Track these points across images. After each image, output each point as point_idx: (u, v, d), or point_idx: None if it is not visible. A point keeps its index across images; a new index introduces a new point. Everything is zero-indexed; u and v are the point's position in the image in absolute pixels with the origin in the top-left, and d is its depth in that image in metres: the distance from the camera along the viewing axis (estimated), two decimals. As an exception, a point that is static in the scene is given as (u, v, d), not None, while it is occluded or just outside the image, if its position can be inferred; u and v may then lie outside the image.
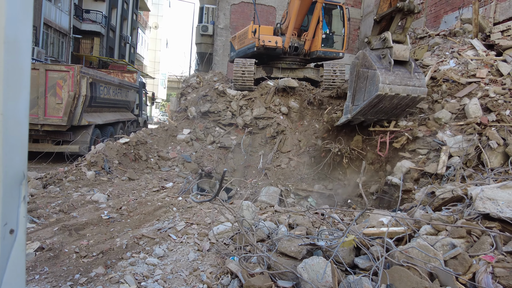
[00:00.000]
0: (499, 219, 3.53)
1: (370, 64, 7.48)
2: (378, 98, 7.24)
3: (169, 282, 3.73)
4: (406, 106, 7.88)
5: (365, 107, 7.60)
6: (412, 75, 7.43)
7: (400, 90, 7.25)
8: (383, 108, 7.77)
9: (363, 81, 7.66)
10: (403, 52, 7.42)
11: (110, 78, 14.02)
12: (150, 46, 58.44)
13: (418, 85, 7.48)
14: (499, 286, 2.88)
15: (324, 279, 3.03)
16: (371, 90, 7.33)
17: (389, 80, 7.12)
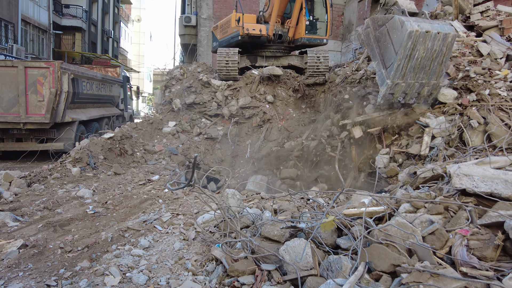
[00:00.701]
0: (475, 194, 3.62)
1: (384, 18, 6.93)
2: (410, 38, 6.49)
3: (154, 272, 3.75)
4: (442, 53, 7.11)
5: (401, 59, 6.80)
6: (431, 20, 7.00)
7: (429, 27, 6.59)
8: (420, 60, 7.04)
9: (385, 37, 7.03)
10: (410, 4, 7.19)
11: (92, 73, 13.81)
12: (134, 40, 57.57)
13: (444, 24, 6.94)
14: (473, 258, 2.96)
15: (305, 259, 3.08)
16: (398, 37, 6.65)
17: (413, 19, 6.57)
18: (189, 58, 21.00)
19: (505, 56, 9.05)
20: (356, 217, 3.72)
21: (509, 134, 6.40)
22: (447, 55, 7.21)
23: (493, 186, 3.55)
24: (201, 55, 20.89)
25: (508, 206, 3.33)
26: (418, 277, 2.71)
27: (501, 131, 6.76)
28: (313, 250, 3.10)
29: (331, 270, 2.98)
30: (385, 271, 2.92)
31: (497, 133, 6.76)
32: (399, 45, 6.69)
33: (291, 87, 12.16)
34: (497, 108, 7.39)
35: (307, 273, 3.03)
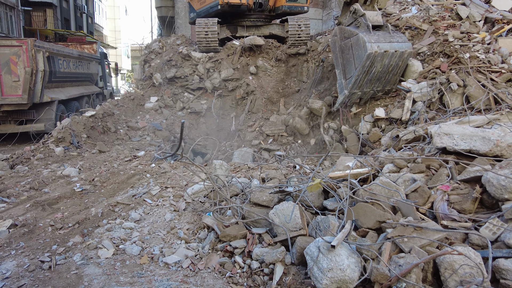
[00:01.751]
0: (455, 152, 3.76)
1: (350, 32, 7.39)
2: (369, 58, 7.06)
3: (147, 242, 3.82)
4: (397, 66, 7.75)
5: (359, 75, 7.37)
6: (392, 35, 7.46)
7: (388, 47, 7.16)
8: (377, 73, 7.59)
9: (348, 51, 7.53)
10: (376, 17, 7.46)
11: (68, 50, 13.34)
12: (109, 15, 55.40)
13: (403, 41, 7.48)
14: (454, 211, 3.12)
15: (294, 221, 3.18)
16: (359, 54, 7.16)
17: (374, 39, 7.06)
18: (167, 31, 20.42)
19: (483, 19, 9.13)
20: (341, 179, 3.83)
21: (486, 95, 6.57)
22: (402, 67, 7.90)
23: (472, 143, 3.68)
24: (179, 28, 20.35)
25: (485, 161, 3.48)
26: (403, 231, 2.85)
27: (478, 93, 6.93)
28: (302, 211, 3.20)
29: (319, 229, 3.09)
30: (371, 228, 3.06)
31: (475, 95, 6.93)
32: (359, 62, 7.21)
33: (274, 57, 12.04)
34: (475, 71, 7.54)
35: (297, 233, 3.15)
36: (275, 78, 11.92)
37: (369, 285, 2.73)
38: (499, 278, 2.53)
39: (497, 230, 2.81)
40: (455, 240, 2.86)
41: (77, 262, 3.51)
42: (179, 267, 3.40)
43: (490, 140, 3.59)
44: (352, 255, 2.73)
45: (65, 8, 30.07)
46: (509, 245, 2.66)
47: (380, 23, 7.50)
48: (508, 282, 2.43)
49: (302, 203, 3.58)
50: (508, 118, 4.89)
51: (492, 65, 7.64)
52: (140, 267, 3.40)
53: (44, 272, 3.41)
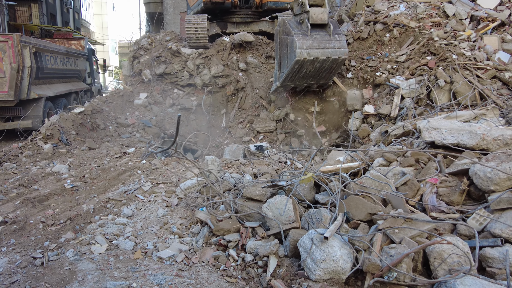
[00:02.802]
0: (443, 146, 3.85)
1: (289, 30, 7.40)
2: (298, 63, 7.20)
3: (140, 238, 3.82)
4: (330, 68, 7.89)
5: (289, 73, 7.61)
6: (331, 38, 7.37)
7: (319, 54, 7.22)
8: (308, 73, 7.81)
9: (285, 48, 7.63)
10: (321, 15, 7.30)
11: (55, 46, 13.13)
12: (96, 11, 54.62)
13: (338, 47, 7.42)
14: (442, 203, 3.20)
15: (287, 214, 3.23)
16: (291, 56, 7.27)
17: (307, 45, 7.07)
18: (156, 27, 20.26)
19: (469, 17, 9.31)
20: (332, 173, 3.89)
21: (472, 91, 6.72)
22: (337, 68, 8.06)
23: (459, 137, 3.78)
24: (168, 24, 20.21)
25: (472, 155, 3.58)
26: (393, 222, 2.92)
27: (465, 89, 7.08)
28: (295, 204, 3.25)
29: (312, 222, 3.15)
30: (362, 220, 3.12)
31: (462, 91, 7.08)
32: (290, 63, 7.40)
33: (264, 53, 12.06)
34: (462, 67, 7.69)
35: (290, 226, 3.20)
36: (265, 74, 11.93)
37: (361, 276, 2.80)
38: (485, 266, 2.62)
39: (484, 221, 2.91)
40: (444, 231, 2.95)
41: (70, 258, 3.49)
42: (173, 261, 3.42)
43: (476, 134, 3.69)
44: (345, 246, 2.79)
45: (51, 3, 29.54)
46: (495, 234, 2.75)
47: (324, 21, 7.36)
48: (493, 270, 2.52)
49: (295, 196, 3.63)
50: (493, 113, 5.02)
51: (478, 62, 7.82)
52: (134, 262, 3.41)
53: (37, 268, 3.39)
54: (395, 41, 9.65)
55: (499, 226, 2.76)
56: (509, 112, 5.47)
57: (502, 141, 3.60)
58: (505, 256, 2.52)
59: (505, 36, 8.35)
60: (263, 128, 10.23)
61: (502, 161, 3.08)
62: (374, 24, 10.33)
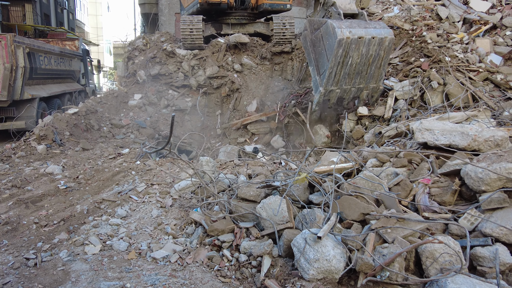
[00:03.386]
0: (435, 146, 3.89)
1: (319, 22, 6.63)
2: (341, 45, 6.17)
3: (134, 238, 3.82)
4: (379, 57, 6.82)
5: (332, 67, 6.48)
6: (368, 22, 6.66)
7: (363, 33, 6.26)
8: (354, 66, 6.72)
9: (319, 43, 6.70)
10: (349, 5, 6.84)
11: (49, 46, 13.05)
12: (90, 11, 54.38)
13: (381, 27, 6.60)
14: (434, 203, 3.24)
15: (281, 214, 3.25)
16: (331, 43, 6.28)
17: (346, 25, 6.23)
18: (150, 28, 20.20)
19: (462, 19, 9.42)
20: (326, 174, 3.91)
21: (464, 92, 6.79)
22: (385, 58, 6.93)
23: (451, 138, 3.82)
24: (163, 25, 20.17)
25: (464, 155, 3.62)
26: (386, 222, 2.95)
27: (457, 90, 7.16)
28: (289, 205, 3.27)
29: (305, 222, 3.17)
30: (355, 220, 3.15)
31: (455, 92, 7.15)
32: (331, 52, 6.34)
33: (259, 55, 12.09)
34: (454, 69, 7.78)
35: (284, 226, 3.21)
36: (260, 76, 11.97)
37: (354, 275, 2.82)
38: (476, 265, 2.66)
39: (475, 220, 2.94)
40: (436, 230, 2.98)
41: (64, 258, 3.48)
42: (167, 261, 3.42)
43: (468, 135, 3.73)
44: (338, 246, 2.81)
45: (45, 3, 29.36)
46: (485, 234, 2.79)
47: (354, 11, 6.81)
48: (484, 269, 2.55)
49: (289, 197, 3.65)
50: (485, 115, 5.08)
51: (470, 64, 7.90)
52: (128, 263, 3.40)
53: (30, 269, 3.37)
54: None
55: (490, 225, 2.80)
56: (500, 114, 5.54)
57: (493, 142, 3.65)
58: (495, 255, 2.56)
59: (497, 38, 8.46)
60: (258, 129, 10.26)
61: (493, 161, 3.13)
62: (368, 26, 10.40)
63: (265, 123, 10.28)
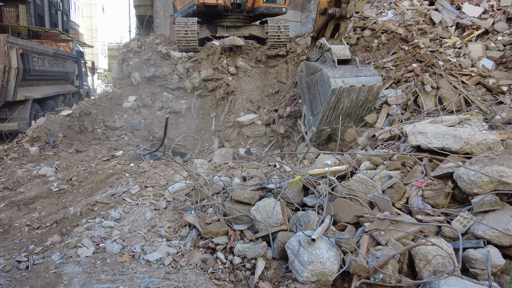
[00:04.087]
0: (429, 149, 3.92)
1: (315, 68, 7.18)
2: (334, 94, 6.75)
3: (127, 241, 3.80)
4: (367, 100, 7.43)
5: (325, 111, 7.08)
6: (360, 68, 7.16)
7: (354, 82, 6.87)
8: (345, 109, 7.28)
9: (314, 87, 7.29)
10: (343, 51, 7.21)
11: (43, 48, 12.97)
12: (85, 13, 54.17)
13: (371, 75, 7.18)
14: (427, 206, 3.26)
15: (275, 217, 3.25)
16: (324, 90, 6.89)
17: (339, 74, 6.78)
18: (145, 30, 20.19)
19: (454, 24, 9.52)
20: (320, 176, 3.93)
21: (457, 96, 6.86)
22: (373, 101, 7.56)
23: (444, 141, 3.85)
24: (158, 27, 20.15)
25: (456, 158, 3.65)
26: (379, 224, 2.96)
27: (450, 94, 7.23)
28: (283, 207, 3.27)
29: (300, 224, 3.17)
30: (349, 222, 3.16)
31: (448, 96, 7.22)
32: (324, 98, 6.90)
33: (254, 57, 12.12)
34: (447, 73, 7.85)
35: (278, 229, 3.21)
36: (255, 78, 11.99)
37: (348, 277, 2.83)
38: (469, 267, 2.68)
39: (467, 223, 2.97)
40: (429, 233, 3.00)
41: (56, 261, 3.45)
42: (161, 264, 3.40)
43: (461, 139, 3.77)
44: (332, 248, 2.81)
45: (39, 4, 29.20)
46: (477, 236, 2.81)
47: (347, 57, 7.25)
48: (476, 271, 2.57)
49: (283, 199, 3.66)
50: (477, 118, 5.13)
51: (463, 68, 7.99)
52: (121, 265, 3.38)
53: (21, 272, 3.34)
54: (384, 47, 9.80)
55: (482, 228, 2.83)
56: (492, 117, 5.60)
57: (485, 145, 3.69)
58: (487, 257, 2.58)
59: (489, 43, 8.56)
60: (253, 132, 10.26)
61: (485, 164, 3.16)
62: (363, 30, 10.49)
63: (260, 126, 10.29)
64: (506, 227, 2.74)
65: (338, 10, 6.94)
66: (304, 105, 7.81)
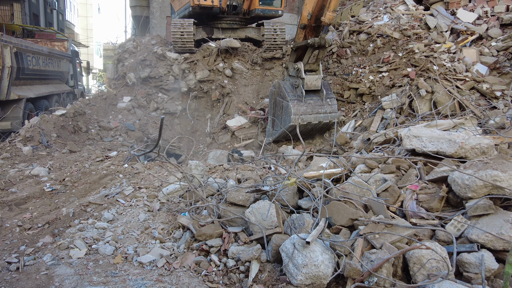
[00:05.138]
0: (423, 153, 3.93)
1: (284, 95, 7.96)
2: (293, 125, 7.75)
3: (120, 242, 3.76)
4: (321, 129, 8.50)
5: (282, 133, 8.28)
6: (324, 102, 7.99)
7: (312, 119, 7.87)
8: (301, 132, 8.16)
9: (279, 109, 8.23)
10: (315, 82, 7.83)
11: (38, 47, 12.86)
12: (81, 12, 53.89)
13: (330, 111, 8.06)
14: (422, 209, 3.27)
15: (269, 219, 3.23)
16: (286, 119, 7.91)
17: (301, 110, 7.72)
18: (141, 31, 20.12)
19: (449, 29, 9.60)
20: (315, 179, 3.92)
21: (451, 100, 6.91)
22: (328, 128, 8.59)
23: (439, 145, 3.87)
24: (154, 28, 20.10)
25: (451, 162, 3.67)
26: (374, 228, 2.96)
27: (445, 98, 7.27)
28: (278, 209, 3.26)
29: (294, 227, 3.16)
30: (344, 225, 3.15)
31: (442, 100, 7.27)
32: (284, 124, 8.03)
33: (250, 60, 12.12)
34: (442, 78, 7.90)
35: (272, 231, 3.20)
36: (251, 81, 11.99)
37: (342, 281, 2.82)
38: (462, 271, 2.68)
39: (461, 227, 2.97)
40: (423, 236, 3.00)
41: (48, 262, 3.40)
42: (154, 266, 3.37)
43: (455, 143, 3.78)
44: (326, 251, 2.80)
45: (34, 3, 29.01)
46: (471, 240, 2.82)
47: (317, 87, 7.92)
48: (470, 275, 2.58)
49: (278, 202, 3.65)
50: (471, 123, 5.16)
51: (457, 73, 8.05)
52: (114, 267, 3.34)
53: (11, 273, 3.29)
54: (379, 51, 9.85)
55: (476, 232, 2.83)
56: (486, 122, 5.64)
57: (479, 149, 3.70)
58: (481, 261, 2.59)
59: (483, 49, 8.63)
60: (246, 135, 10.23)
61: (479, 168, 3.17)
62: (358, 34, 10.54)
63: (252, 127, 10.27)
64: (499, 231, 2.75)
65: (317, 40, 7.34)
66: (269, 115, 8.83)
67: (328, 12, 6.66)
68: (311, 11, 7.12)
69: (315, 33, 7.57)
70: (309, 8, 7.17)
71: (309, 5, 7.15)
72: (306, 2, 7.35)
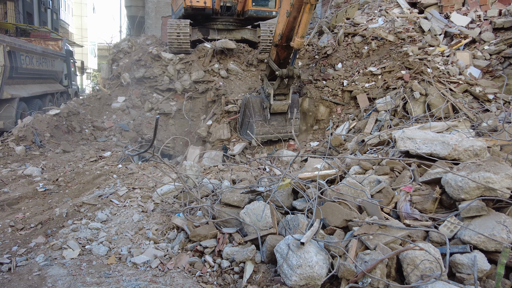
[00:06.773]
0: (417, 155, 3.96)
1: (251, 113, 8.66)
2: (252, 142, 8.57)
3: (114, 243, 3.74)
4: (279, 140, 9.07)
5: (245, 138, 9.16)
6: (287, 123, 8.72)
7: (272, 137, 8.67)
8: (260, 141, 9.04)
9: (247, 120, 8.97)
10: (282, 106, 8.38)
11: (31, 46, 12.76)
12: (75, 12, 53.60)
13: (291, 131, 8.52)
14: (416, 211, 3.29)
15: (264, 220, 3.24)
16: (249, 132, 8.75)
17: (263, 131, 8.54)
18: (136, 31, 20.05)
19: (443, 33, 9.68)
20: (310, 180, 3.93)
21: (445, 103, 6.96)
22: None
23: (432, 147, 3.90)
24: (149, 28, 20.04)
25: (444, 164, 3.69)
26: (368, 229, 2.97)
27: (439, 101, 7.33)
28: (273, 210, 3.26)
29: (289, 228, 3.17)
30: (338, 226, 3.16)
31: (436, 103, 7.32)
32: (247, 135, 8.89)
33: (245, 61, 12.13)
34: (436, 81, 7.96)
35: (267, 232, 3.20)
36: (246, 82, 11.99)
37: (336, 281, 2.83)
38: (455, 272, 2.70)
39: (454, 228, 3.00)
40: (417, 237, 3.02)
41: (40, 263, 3.38)
42: (148, 267, 3.35)
43: (449, 145, 3.81)
44: (321, 252, 2.81)
45: (28, 1, 28.77)
46: (464, 241, 2.84)
47: (283, 111, 8.54)
48: (463, 275, 2.60)
49: (273, 203, 3.65)
50: (465, 125, 5.21)
51: (451, 76, 8.11)
52: (108, 268, 3.32)
53: (3, 274, 3.26)
54: (374, 54, 9.91)
55: (469, 233, 2.86)
56: (479, 125, 5.69)
57: (472, 151, 3.74)
58: (473, 262, 2.61)
59: (476, 52, 8.72)
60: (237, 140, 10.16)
61: (472, 170, 3.20)
62: (353, 37, 10.59)
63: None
64: (491, 233, 2.78)
65: (284, 72, 7.63)
66: (239, 117, 9.47)
67: (297, 38, 6.65)
68: (281, 32, 7.18)
69: (287, 50, 7.67)
70: (280, 28, 7.22)
71: (281, 24, 7.20)
72: (278, 21, 7.44)
